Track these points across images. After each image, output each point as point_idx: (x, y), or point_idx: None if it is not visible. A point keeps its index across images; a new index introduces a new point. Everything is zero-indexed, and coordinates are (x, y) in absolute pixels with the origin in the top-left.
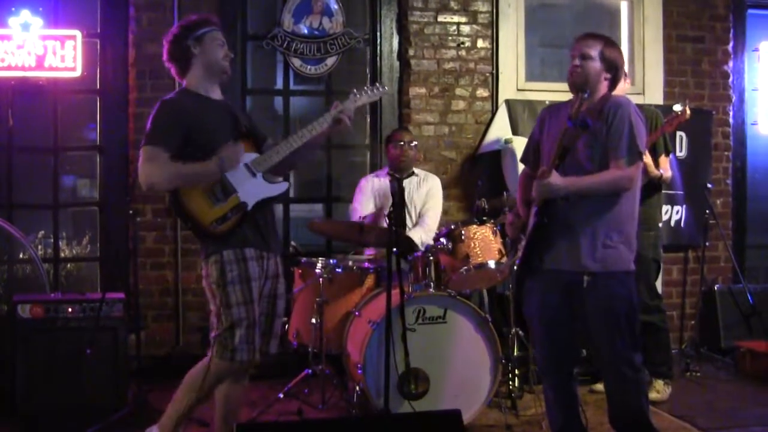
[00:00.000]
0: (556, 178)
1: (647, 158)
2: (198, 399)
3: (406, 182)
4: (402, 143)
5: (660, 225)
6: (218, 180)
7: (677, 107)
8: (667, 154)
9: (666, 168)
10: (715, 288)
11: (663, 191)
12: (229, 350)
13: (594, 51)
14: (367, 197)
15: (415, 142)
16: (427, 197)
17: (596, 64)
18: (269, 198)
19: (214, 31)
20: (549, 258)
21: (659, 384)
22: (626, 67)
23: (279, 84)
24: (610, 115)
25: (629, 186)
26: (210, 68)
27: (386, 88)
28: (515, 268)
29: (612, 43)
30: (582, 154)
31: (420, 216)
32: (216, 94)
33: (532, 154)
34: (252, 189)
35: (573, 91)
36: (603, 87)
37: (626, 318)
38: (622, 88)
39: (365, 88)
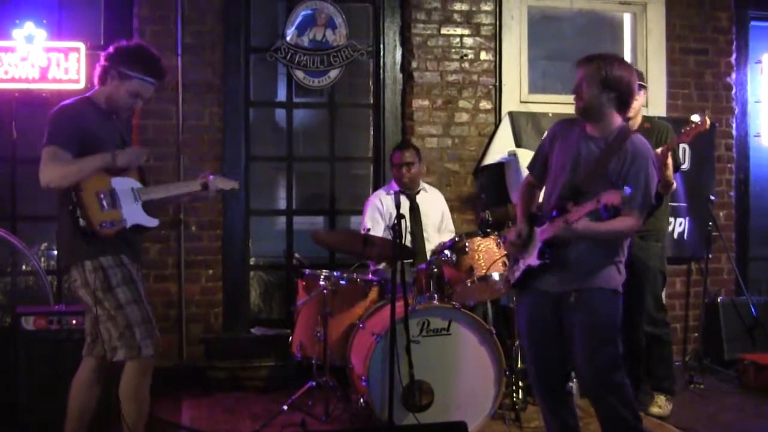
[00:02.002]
0: (579, 227)
1: (669, 161)
2: (138, 407)
3: (419, 199)
4: (401, 166)
5: (666, 236)
6: (109, 190)
7: (696, 117)
8: (676, 169)
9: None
10: (719, 300)
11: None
12: (134, 348)
13: (590, 74)
14: (373, 217)
15: (414, 161)
16: (440, 208)
17: (594, 89)
18: (142, 226)
19: (145, 83)
20: (545, 282)
21: (661, 399)
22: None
23: (282, 96)
24: (627, 161)
25: (635, 233)
26: (110, 101)
27: (237, 186)
28: (508, 286)
29: (612, 61)
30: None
31: (443, 225)
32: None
33: (539, 166)
34: (132, 211)
35: (582, 118)
36: (609, 109)
37: (609, 334)
38: (639, 101)
39: (222, 176)
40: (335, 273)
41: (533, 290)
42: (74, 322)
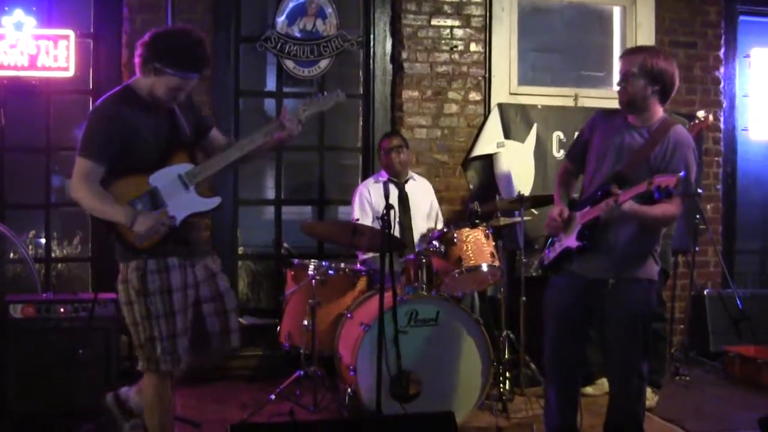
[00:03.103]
0: (627, 207)
1: None
2: (161, 415)
3: (407, 188)
4: (390, 150)
5: (671, 233)
6: (148, 192)
7: (701, 113)
8: None
9: None
10: (705, 293)
11: None
12: (153, 362)
13: (635, 67)
14: (362, 207)
15: (403, 146)
16: (428, 197)
17: (639, 81)
18: (200, 213)
19: (180, 78)
20: (580, 266)
21: (647, 391)
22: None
23: (271, 86)
24: (669, 150)
25: (674, 221)
26: (151, 94)
27: (342, 93)
28: (541, 267)
29: (656, 54)
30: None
31: (434, 215)
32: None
33: (579, 154)
34: (183, 202)
35: (626, 110)
36: (653, 102)
37: (642, 325)
38: None
39: (317, 95)
40: (324, 263)
41: (566, 273)
42: (62, 310)
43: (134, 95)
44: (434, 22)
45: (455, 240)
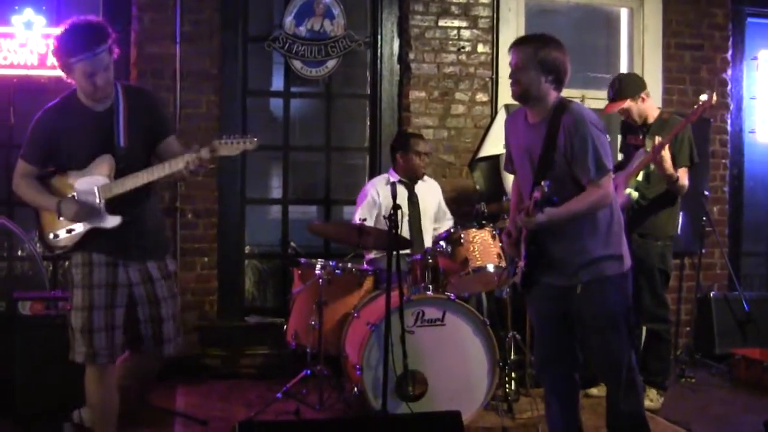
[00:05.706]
0: (540, 218)
1: (666, 153)
2: (99, 412)
3: (417, 189)
4: (419, 154)
5: (672, 235)
6: (70, 196)
7: (703, 96)
8: (691, 164)
9: (683, 176)
10: (711, 295)
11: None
12: (73, 351)
13: (525, 58)
14: (370, 209)
15: (430, 153)
16: (436, 198)
17: (530, 72)
18: (100, 228)
19: (82, 61)
20: (545, 274)
21: (652, 393)
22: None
23: (279, 86)
24: (570, 133)
25: (607, 202)
26: (83, 91)
27: (255, 141)
28: (516, 282)
29: (547, 43)
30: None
31: (442, 214)
32: (100, 104)
33: (510, 162)
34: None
35: (521, 103)
36: (548, 90)
37: (623, 320)
38: (650, 104)
39: (229, 138)
40: (331, 262)
41: (540, 284)
42: (70, 307)
43: (74, 100)
44: (441, 22)
45: (462, 240)
